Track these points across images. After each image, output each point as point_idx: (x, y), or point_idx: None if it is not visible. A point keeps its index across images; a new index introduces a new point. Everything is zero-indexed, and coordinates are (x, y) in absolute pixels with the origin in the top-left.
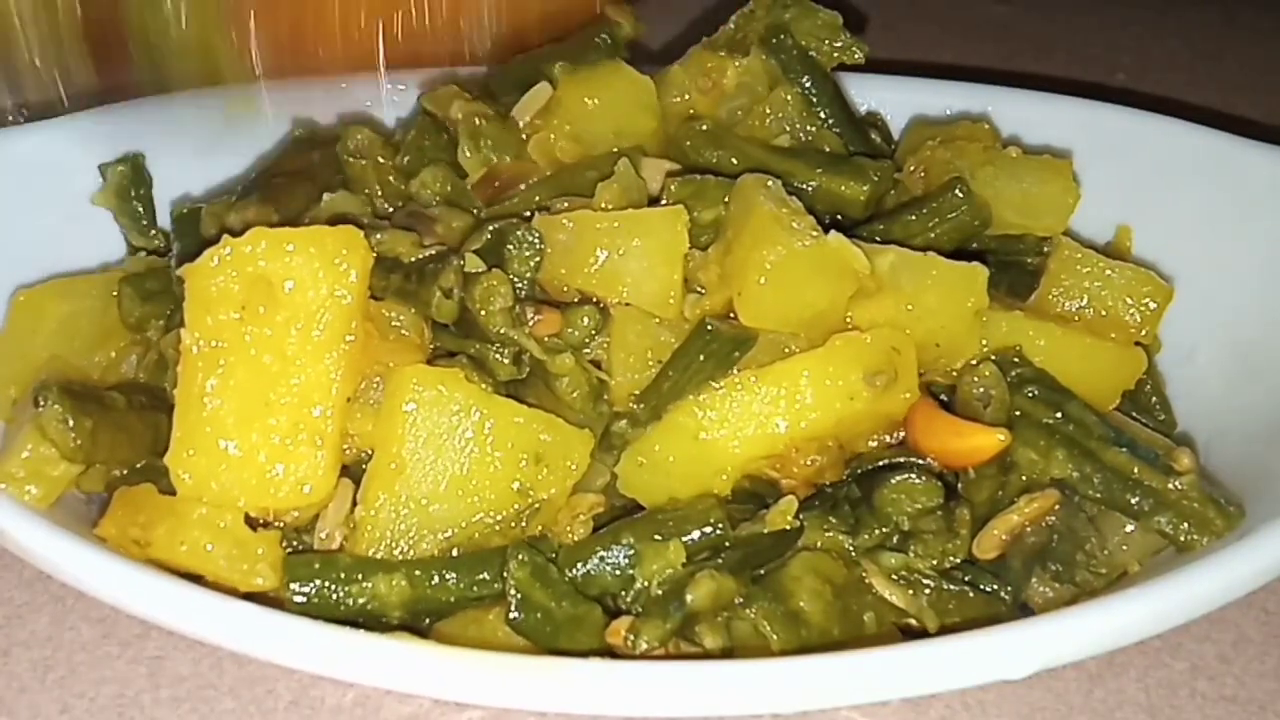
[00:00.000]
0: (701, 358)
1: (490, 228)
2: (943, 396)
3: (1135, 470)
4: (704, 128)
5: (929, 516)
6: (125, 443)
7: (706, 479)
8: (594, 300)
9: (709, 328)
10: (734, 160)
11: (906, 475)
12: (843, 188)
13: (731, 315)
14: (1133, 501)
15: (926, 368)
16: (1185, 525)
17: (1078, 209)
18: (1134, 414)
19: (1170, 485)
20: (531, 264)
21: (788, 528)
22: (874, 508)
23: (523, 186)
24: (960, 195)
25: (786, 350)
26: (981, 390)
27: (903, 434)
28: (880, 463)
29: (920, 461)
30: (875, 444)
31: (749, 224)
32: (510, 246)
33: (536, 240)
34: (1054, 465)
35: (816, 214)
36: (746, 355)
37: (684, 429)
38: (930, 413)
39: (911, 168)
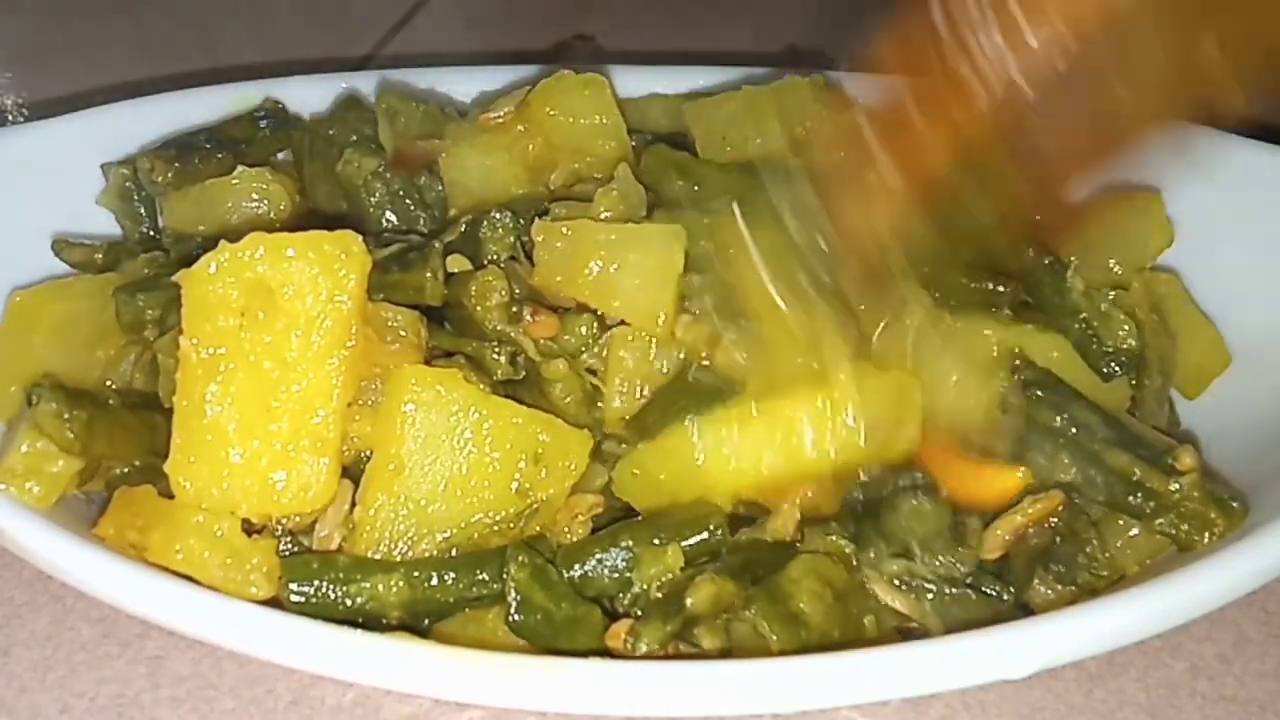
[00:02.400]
0: (682, 402)
1: (464, 220)
2: None
3: (1137, 472)
4: (664, 156)
5: (939, 536)
6: (123, 438)
7: (700, 496)
8: (592, 310)
9: (690, 379)
10: (696, 187)
11: (915, 502)
12: None
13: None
14: (1134, 503)
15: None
16: (1185, 526)
17: None
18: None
19: (1172, 486)
20: (507, 242)
21: (788, 540)
22: (882, 531)
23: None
24: None
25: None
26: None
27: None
28: (885, 490)
29: (924, 481)
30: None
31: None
32: (484, 230)
33: (509, 220)
34: (1059, 469)
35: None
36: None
37: (677, 453)
38: (947, 459)
39: None
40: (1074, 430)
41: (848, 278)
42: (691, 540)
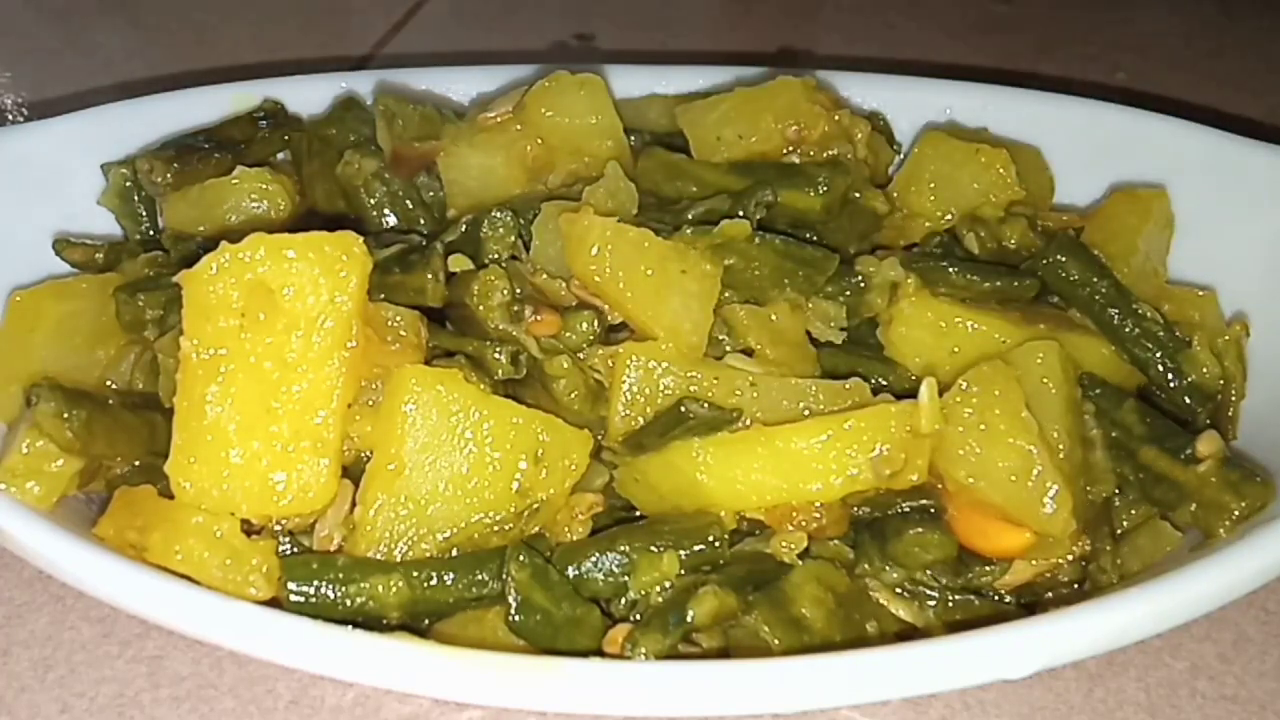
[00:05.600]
0: (676, 431)
1: (464, 219)
2: None
3: (1164, 466)
4: (659, 158)
5: (942, 565)
6: (122, 437)
7: (702, 507)
8: (594, 307)
9: (682, 409)
10: (694, 188)
11: (920, 530)
12: (797, 200)
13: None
14: (1159, 496)
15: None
16: (1206, 513)
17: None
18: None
19: (1193, 473)
20: (508, 241)
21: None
22: (888, 556)
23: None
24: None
25: (804, 407)
26: None
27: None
28: (890, 509)
29: (932, 509)
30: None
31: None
32: (485, 229)
33: (509, 220)
34: (1101, 478)
35: (780, 229)
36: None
37: (680, 469)
38: (967, 514)
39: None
40: (1116, 433)
41: None
42: (690, 550)
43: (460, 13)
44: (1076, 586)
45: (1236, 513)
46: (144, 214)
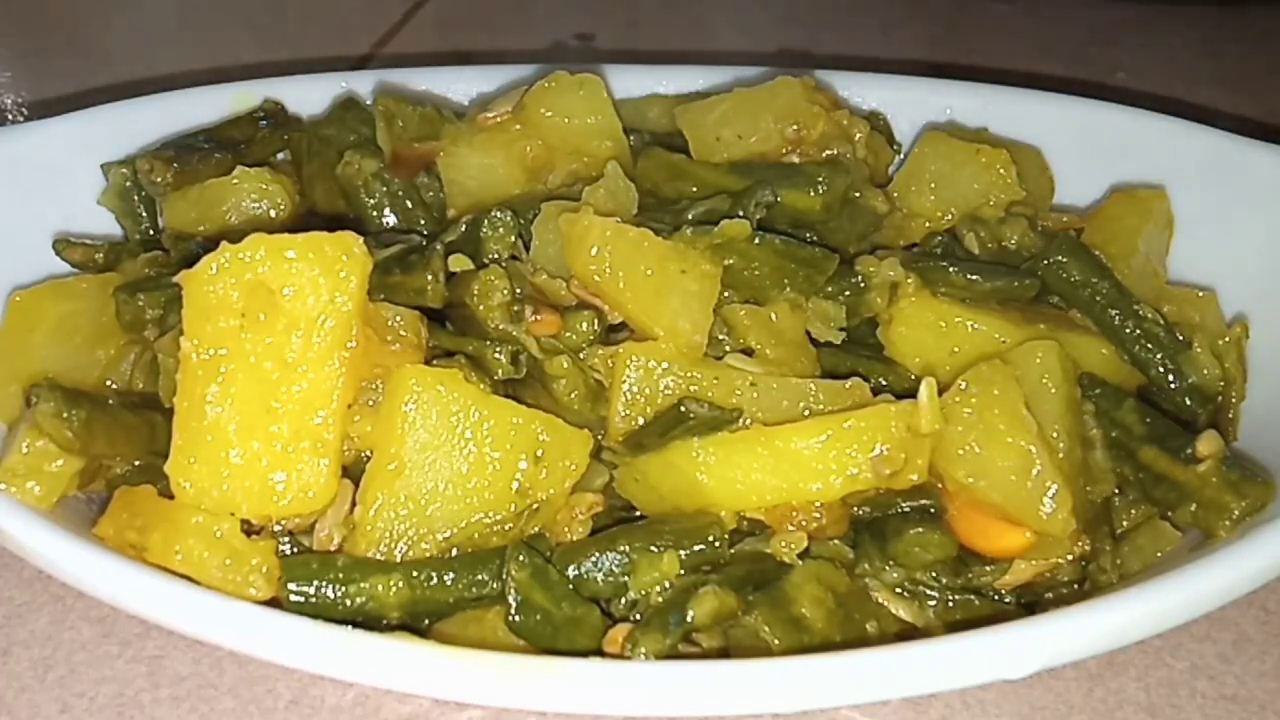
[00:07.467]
0: (676, 431)
1: (464, 219)
2: None
3: (1164, 466)
4: (659, 158)
5: (942, 565)
6: (122, 438)
7: (702, 507)
8: (594, 307)
9: (682, 409)
10: (694, 188)
11: (920, 530)
12: (797, 200)
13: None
14: (1159, 496)
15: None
16: (1206, 513)
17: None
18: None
19: (1193, 473)
20: (508, 241)
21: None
22: (888, 556)
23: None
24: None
25: (804, 406)
26: None
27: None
28: (890, 509)
29: (932, 509)
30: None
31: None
32: (485, 229)
33: (509, 219)
34: (1100, 477)
35: (780, 229)
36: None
37: (680, 469)
38: (967, 514)
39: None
40: (1116, 433)
41: None
42: (690, 550)
43: (460, 13)
44: (1076, 586)
45: (1236, 513)
46: (144, 214)
